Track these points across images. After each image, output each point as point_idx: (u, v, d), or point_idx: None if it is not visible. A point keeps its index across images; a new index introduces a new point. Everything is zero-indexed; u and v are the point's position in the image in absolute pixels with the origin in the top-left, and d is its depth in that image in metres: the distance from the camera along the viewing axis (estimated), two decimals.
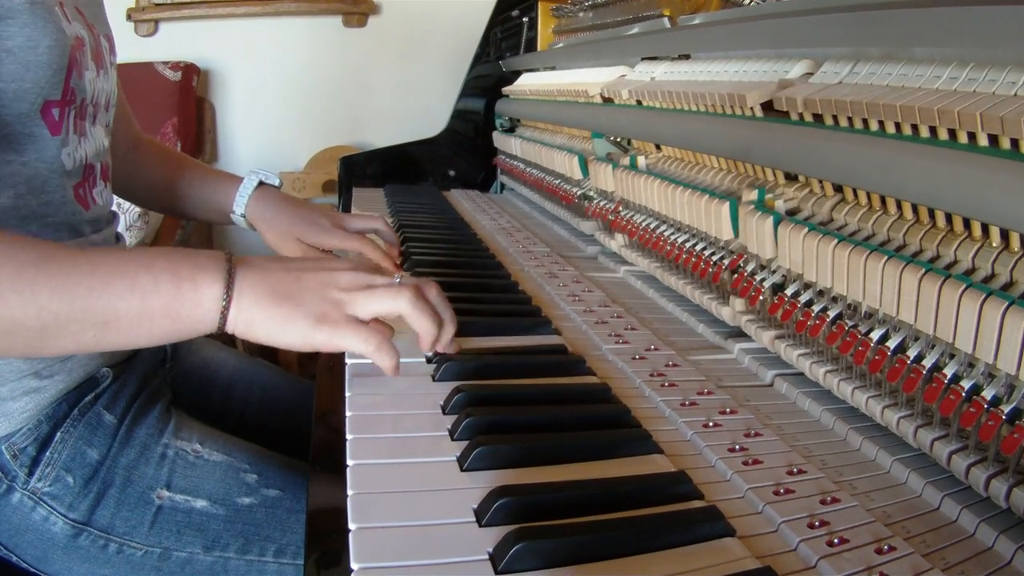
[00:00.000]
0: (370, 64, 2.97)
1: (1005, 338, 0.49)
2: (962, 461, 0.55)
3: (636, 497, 0.53)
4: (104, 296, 0.59)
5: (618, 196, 1.13)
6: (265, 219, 1.06)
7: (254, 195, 1.06)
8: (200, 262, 0.63)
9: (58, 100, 0.76)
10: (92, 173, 0.84)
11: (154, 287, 0.61)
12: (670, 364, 0.79)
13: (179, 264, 0.62)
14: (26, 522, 0.76)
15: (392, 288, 0.67)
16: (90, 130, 0.83)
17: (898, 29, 0.65)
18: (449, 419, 0.62)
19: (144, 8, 2.74)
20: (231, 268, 0.64)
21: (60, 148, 0.77)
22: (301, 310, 0.63)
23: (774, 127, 0.77)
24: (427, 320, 0.68)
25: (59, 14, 0.75)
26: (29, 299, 0.56)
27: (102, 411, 0.82)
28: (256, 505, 0.83)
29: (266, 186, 1.08)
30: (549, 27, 1.96)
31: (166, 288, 0.61)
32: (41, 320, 0.57)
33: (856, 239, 0.65)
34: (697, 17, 1.07)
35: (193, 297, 0.62)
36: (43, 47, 0.72)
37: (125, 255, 0.62)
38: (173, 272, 0.62)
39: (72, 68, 0.76)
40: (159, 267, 0.61)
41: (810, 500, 0.55)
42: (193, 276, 0.62)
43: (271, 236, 1.05)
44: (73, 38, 0.76)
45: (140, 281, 0.60)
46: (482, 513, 0.49)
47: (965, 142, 0.56)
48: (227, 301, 0.62)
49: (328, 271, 0.67)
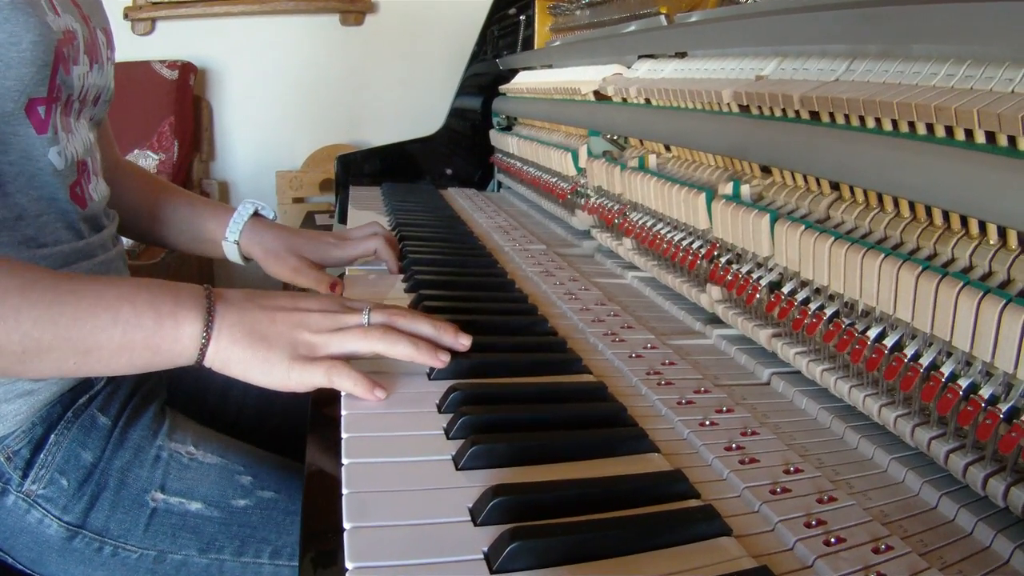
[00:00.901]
0: (367, 62, 2.97)
1: (1003, 336, 0.49)
2: (960, 460, 0.55)
3: (632, 496, 0.52)
4: (87, 327, 0.61)
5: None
6: (263, 244, 1.04)
7: (249, 223, 1.04)
8: (181, 298, 0.65)
9: (44, 98, 0.74)
10: (85, 169, 0.83)
11: (136, 321, 0.63)
12: (667, 362, 0.79)
13: (161, 300, 0.64)
14: (21, 524, 0.76)
15: (361, 330, 0.68)
16: (74, 125, 0.82)
17: (895, 26, 0.65)
18: (444, 418, 0.62)
19: (141, 7, 2.73)
20: (211, 306, 0.66)
21: (48, 147, 0.75)
22: (276, 352, 0.65)
23: (770, 124, 0.77)
24: (403, 346, 0.68)
25: (44, 7, 0.73)
26: (12, 326, 0.58)
27: (96, 413, 0.81)
28: (251, 507, 0.82)
29: (261, 216, 1.06)
30: (546, 25, 1.95)
31: (148, 323, 0.63)
32: (23, 346, 0.59)
33: (853, 237, 0.65)
34: (694, 15, 1.06)
35: (173, 333, 0.64)
36: (26, 43, 0.70)
37: (108, 285, 0.64)
38: (155, 308, 0.64)
39: (59, 64, 0.74)
40: (141, 301, 0.63)
41: (807, 499, 0.55)
42: (174, 313, 0.64)
43: (270, 261, 1.03)
44: (61, 32, 0.74)
45: (123, 314, 0.62)
46: (477, 512, 0.49)
47: (962, 139, 0.56)
48: (206, 339, 0.64)
49: (300, 312, 0.69)
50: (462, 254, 1.20)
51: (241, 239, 1.04)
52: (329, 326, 0.68)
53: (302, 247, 1.04)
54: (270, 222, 1.07)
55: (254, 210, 1.05)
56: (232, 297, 0.68)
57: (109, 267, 0.86)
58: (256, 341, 0.65)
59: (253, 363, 0.65)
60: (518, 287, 1.01)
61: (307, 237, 1.06)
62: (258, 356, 0.65)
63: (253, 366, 0.65)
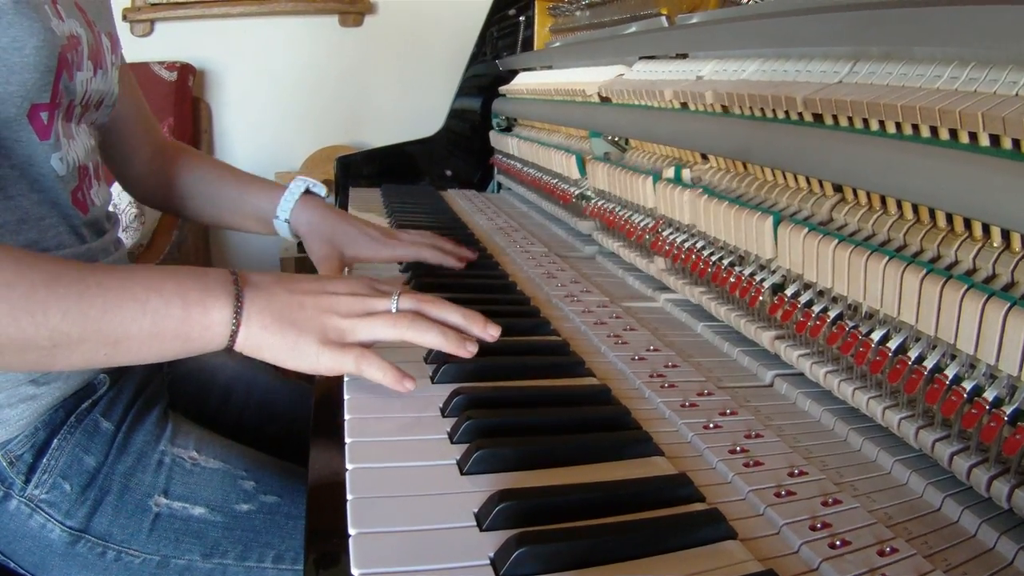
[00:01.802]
0: (367, 63, 2.97)
1: (1007, 339, 0.49)
2: (963, 462, 0.55)
3: (638, 500, 0.52)
4: (117, 318, 0.60)
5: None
6: (311, 224, 1.04)
7: (300, 201, 1.05)
8: (209, 285, 0.64)
9: (46, 103, 0.74)
10: (87, 174, 0.83)
11: (165, 310, 0.62)
12: (670, 365, 0.79)
13: (188, 287, 0.64)
14: (24, 529, 0.76)
15: (390, 316, 0.68)
16: (75, 130, 0.82)
17: (898, 28, 0.65)
18: (448, 422, 0.62)
19: (140, 8, 2.73)
20: (239, 292, 0.65)
21: (51, 153, 0.75)
22: (305, 337, 0.65)
23: (773, 127, 0.77)
24: (432, 335, 0.69)
25: (48, 12, 0.73)
26: (41, 320, 0.57)
27: (99, 418, 0.81)
28: (254, 511, 0.82)
29: (312, 194, 1.07)
30: (546, 26, 1.95)
31: (176, 312, 0.62)
32: (53, 340, 0.58)
33: (856, 239, 0.65)
34: (695, 16, 1.06)
35: (203, 321, 0.63)
36: (29, 48, 0.70)
37: (133, 275, 0.63)
38: (183, 296, 0.63)
39: (62, 69, 0.74)
40: (169, 290, 0.63)
41: (812, 502, 0.55)
42: (202, 300, 0.63)
43: (314, 243, 1.03)
44: (65, 37, 0.74)
45: (151, 304, 0.62)
46: (483, 517, 0.49)
47: (966, 142, 0.56)
48: (236, 325, 0.64)
49: (328, 295, 0.68)
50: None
51: (291, 217, 1.05)
52: (358, 310, 0.68)
53: (341, 236, 1.04)
54: (319, 202, 1.07)
55: (305, 188, 1.06)
56: (260, 282, 0.68)
57: None
58: (286, 326, 0.65)
59: (283, 348, 0.65)
60: (520, 289, 1.01)
61: (351, 225, 1.05)
62: (287, 341, 0.65)
63: (283, 351, 0.65)
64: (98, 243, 0.84)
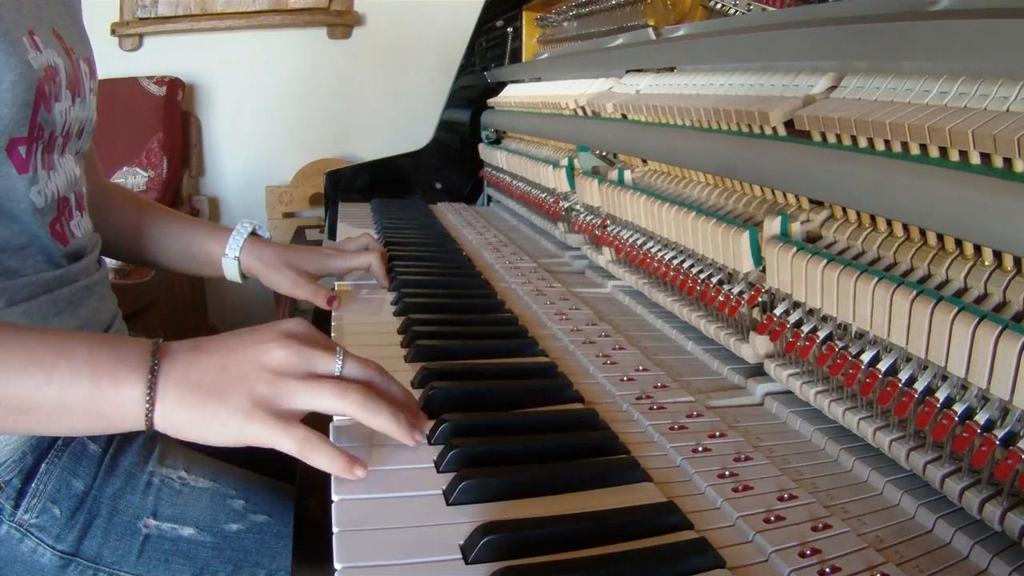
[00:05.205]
0: (355, 76, 2.96)
1: (998, 363, 0.48)
2: (955, 484, 0.54)
3: (625, 530, 0.52)
4: (21, 383, 0.55)
5: (604, 211, 1.12)
6: (263, 258, 1.05)
7: (248, 240, 1.06)
8: (124, 355, 0.58)
9: (24, 137, 0.73)
10: (67, 206, 0.82)
11: (72, 380, 0.56)
12: (658, 385, 0.78)
13: (100, 356, 0.57)
14: (14, 554, 0.75)
15: (337, 385, 0.59)
16: (58, 161, 0.81)
17: (886, 42, 0.64)
18: (435, 450, 0.61)
19: (128, 23, 2.72)
20: (155, 365, 0.58)
21: (29, 187, 0.75)
22: (227, 405, 0.57)
23: (760, 143, 0.76)
24: (383, 418, 0.60)
25: (26, 44, 0.72)
26: None
27: (86, 441, 0.80)
28: (244, 531, 0.82)
29: (257, 235, 1.08)
30: (534, 37, 1.95)
31: (84, 383, 0.56)
32: None
33: (845, 258, 0.64)
34: (681, 28, 1.06)
35: (114, 396, 0.57)
36: (6, 84, 0.69)
37: (47, 339, 0.58)
38: (92, 366, 0.57)
39: (40, 102, 0.73)
40: (79, 358, 0.57)
41: (801, 527, 0.54)
42: (113, 372, 0.57)
43: (270, 273, 1.04)
44: (42, 69, 0.73)
45: (58, 372, 0.56)
46: (468, 550, 0.48)
47: (956, 160, 0.55)
48: (151, 403, 0.57)
49: (259, 346, 0.60)
50: (452, 274, 1.19)
51: (241, 255, 1.05)
52: (295, 367, 0.59)
53: (300, 260, 1.06)
54: (266, 240, 1.09)
55: (252, 228, 1.07)
56: (178, 350, 0.60)
57: (92, 290, 0.85)
58: (204, 396, 0.57)
59: (200, 421, 0.57)
60: (508, 307, 1.00)
61: (303, 251, 1.08)
62: (206, 412, 0.57)
63: (201, 424, 0.57)
64: (76, 265, 0.83)
